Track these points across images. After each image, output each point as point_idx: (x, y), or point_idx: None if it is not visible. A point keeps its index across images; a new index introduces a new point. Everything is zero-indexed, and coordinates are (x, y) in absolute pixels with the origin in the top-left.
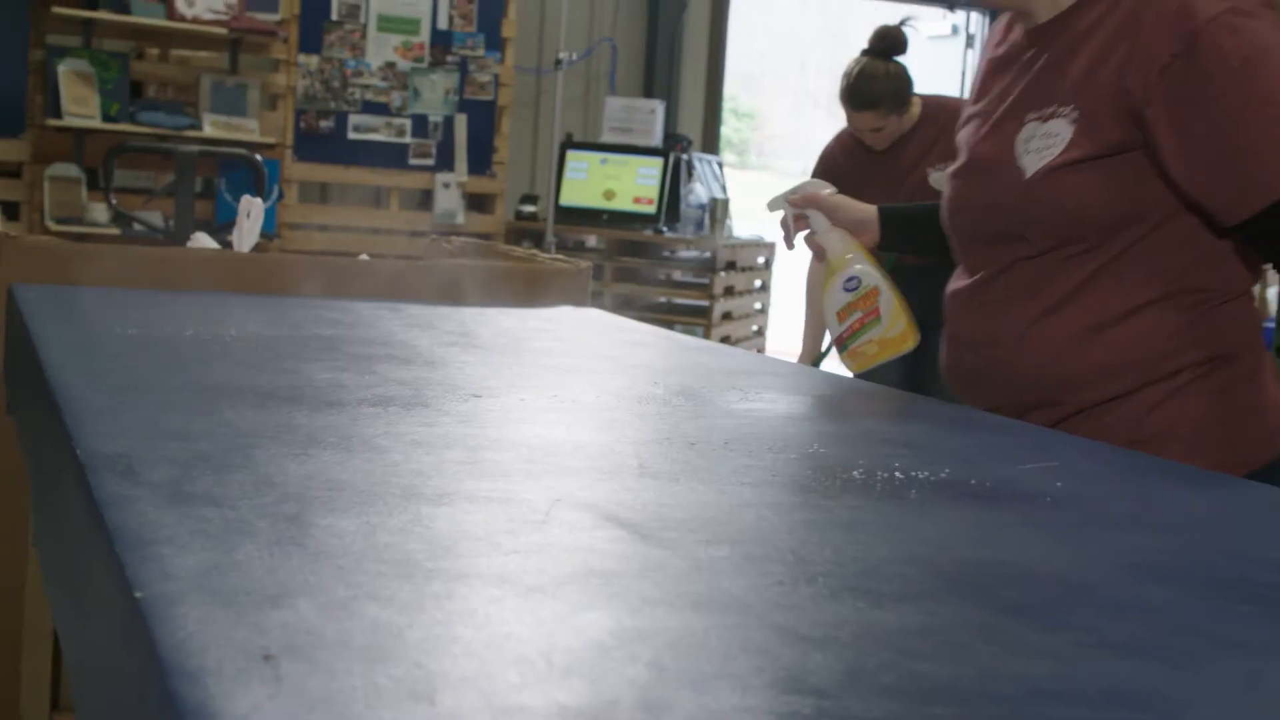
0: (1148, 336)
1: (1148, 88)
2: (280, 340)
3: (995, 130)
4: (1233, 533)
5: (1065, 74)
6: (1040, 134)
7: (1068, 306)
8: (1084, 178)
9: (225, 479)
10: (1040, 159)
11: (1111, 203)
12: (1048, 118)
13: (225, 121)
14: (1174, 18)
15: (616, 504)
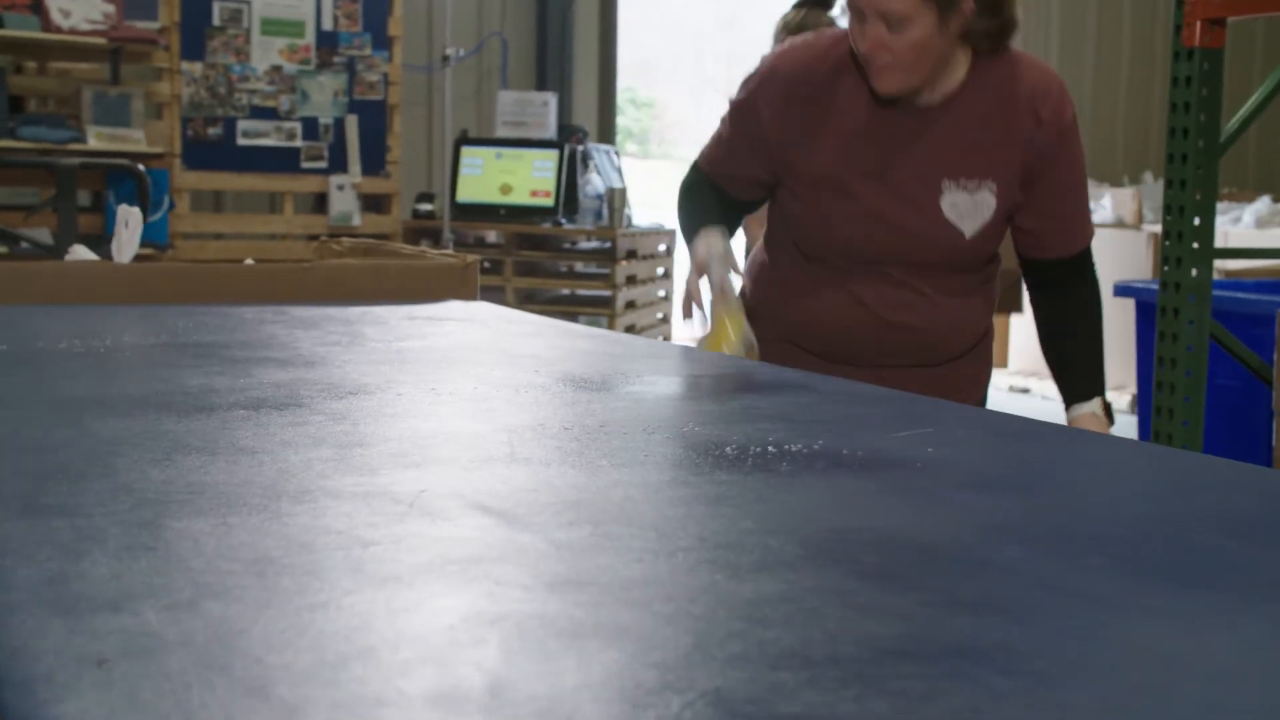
0: (981, 314)
1: (1044, 157)
2: (156, 349)
3: (912, 198)
4: (1090, 491)
5: (977, 151)
6: (967, 203)
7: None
8: (998, 232)
9: (81, 488)
10: (976, 223)
11: (1000, 239)
12: (973, 190)
13: (110, 133)
14: (1055, 115)
15: (484, 492)
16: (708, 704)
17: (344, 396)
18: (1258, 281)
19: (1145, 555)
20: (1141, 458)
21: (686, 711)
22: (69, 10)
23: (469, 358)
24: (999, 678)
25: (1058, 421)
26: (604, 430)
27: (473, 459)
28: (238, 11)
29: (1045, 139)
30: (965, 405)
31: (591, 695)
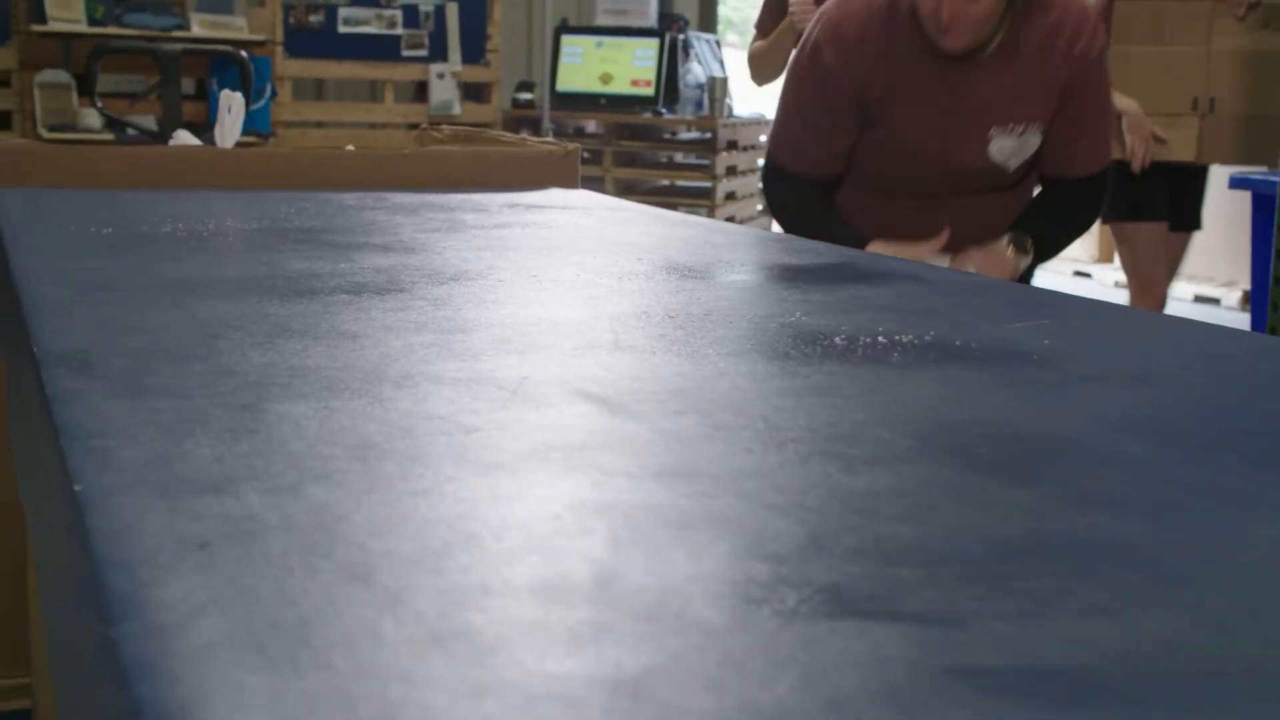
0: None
1: (1074, 83)
2: (257, 233)
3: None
4: (1220, 383)
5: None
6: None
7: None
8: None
9: (183, 370)
10: (1020, 159)
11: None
12: (1021, 133)
13: (213, 20)
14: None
15: (587, 379)
16: (825, 599)
17: (445, 283)
18: None
19: (1275, 450)
20: (1265, 351)
21: (803, 607)
22: None
23: (570, 245)
24: (1132, 576)
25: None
26: (708, 319)
27: (575, 346)
28: None
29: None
30: (1082, 297)
31: (703, 589)
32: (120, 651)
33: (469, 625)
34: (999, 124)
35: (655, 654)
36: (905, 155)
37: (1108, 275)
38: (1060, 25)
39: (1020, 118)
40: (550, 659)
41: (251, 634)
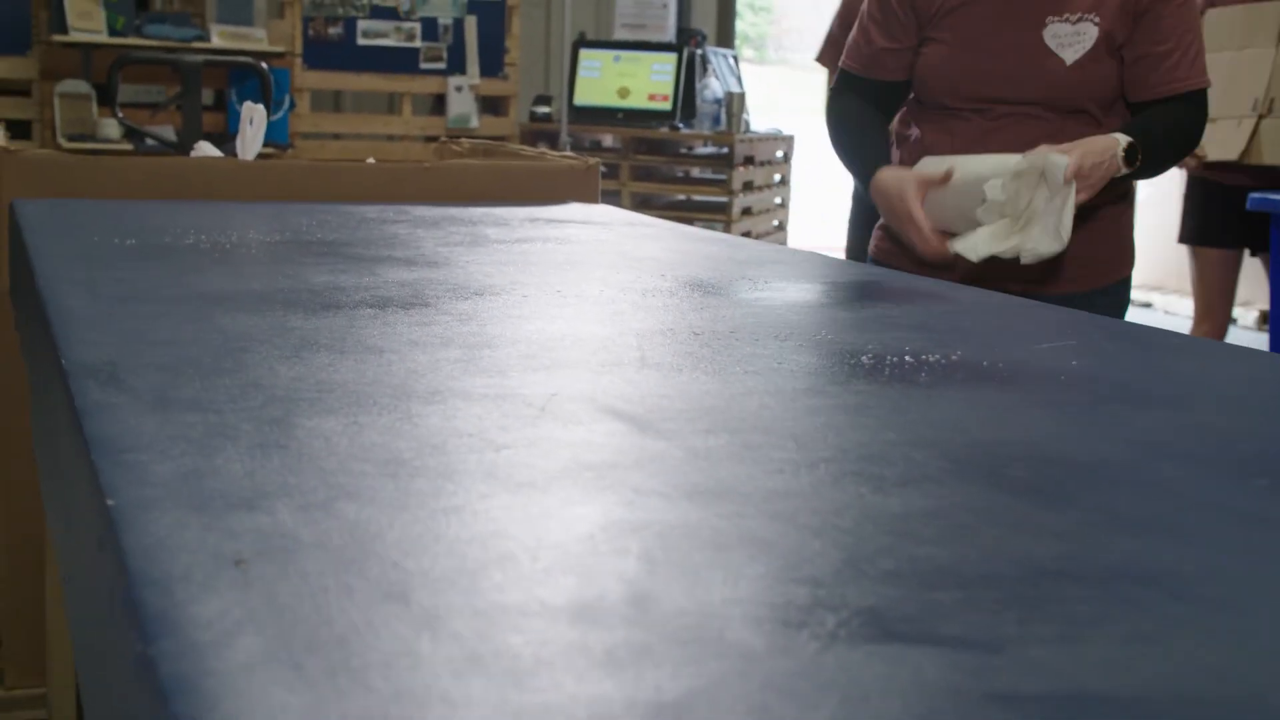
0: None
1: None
2: (280, 246)
3: (1016, 28)
4: (1251, 408)
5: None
6: (1069, 34)
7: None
8: (1105, 67)
9: (212, 384)
10: (1077, 52)
11: (1115, 85)
12: (1075, 21)
13: (233, 31)
14: None
15: (615, 396)
16: (864, 623)
17: (469, 297)
18: None
19: None
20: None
21: (842, 630)
22: None
23: (593, 260)
24: (1171, 602)
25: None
26: (734, 336)
27: (602, 363)
28: None
29: None
30: (1108, 318)
31: (741, 611)
32: (158, 670)
33: (507, 646)
34: (1052, 12)
35: (696, 678)
36: (965, 57)
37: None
38: None
39: (1075, 7)
40: (590, 681)
41: (289, 653)
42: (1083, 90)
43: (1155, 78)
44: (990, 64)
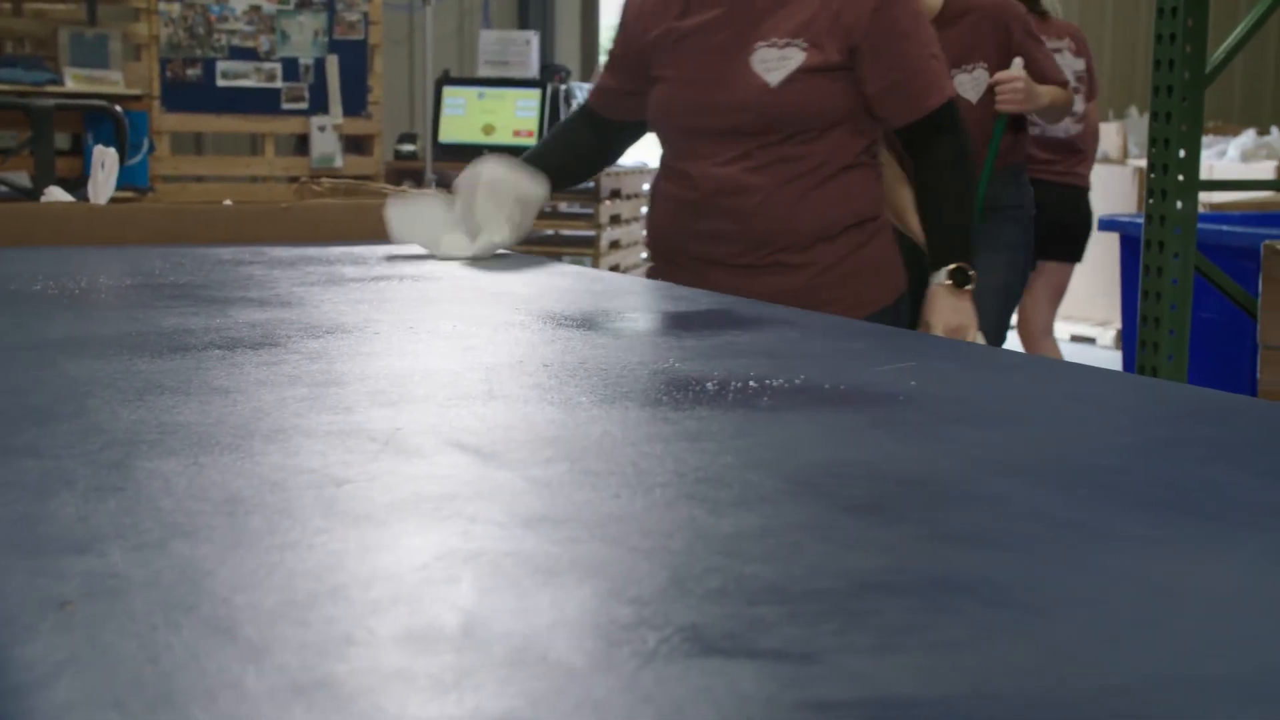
0: (847, 196)
1: (860, 27)
2: (131, 290)
3: (723, 54)
4: (1080, 421)
5: (788, 17)
6: (775, 58)
7: (797, 178)
8: (813, 83)
9: (51, 429)
10: (781, 74)
11: (833, 103)
12: (782, 46)
13: (88, 75)
14: None
15: (461, 429)
16: (684, 639)
17: (321, 336)
18: (1243, 214)
19: (1134, 485)
20: (1129, 389)
21: (663, 647)
22: None
23: (448, 296)
24: (984, 609)
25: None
26: (583, 367)
27: (449, 397)
28: None
29: (857, 8)
30: (951, 340)
31: (566, 632)
32: None
33: (332, 675)
34: (760, 39)
35: (516, 698)
36: (681, 79)
37: None
38: None
39: (782, 32)
40: (412, 705)
41: (111, 691)
42: (796, 116)
43: (902, 105)
44: (698, 93)
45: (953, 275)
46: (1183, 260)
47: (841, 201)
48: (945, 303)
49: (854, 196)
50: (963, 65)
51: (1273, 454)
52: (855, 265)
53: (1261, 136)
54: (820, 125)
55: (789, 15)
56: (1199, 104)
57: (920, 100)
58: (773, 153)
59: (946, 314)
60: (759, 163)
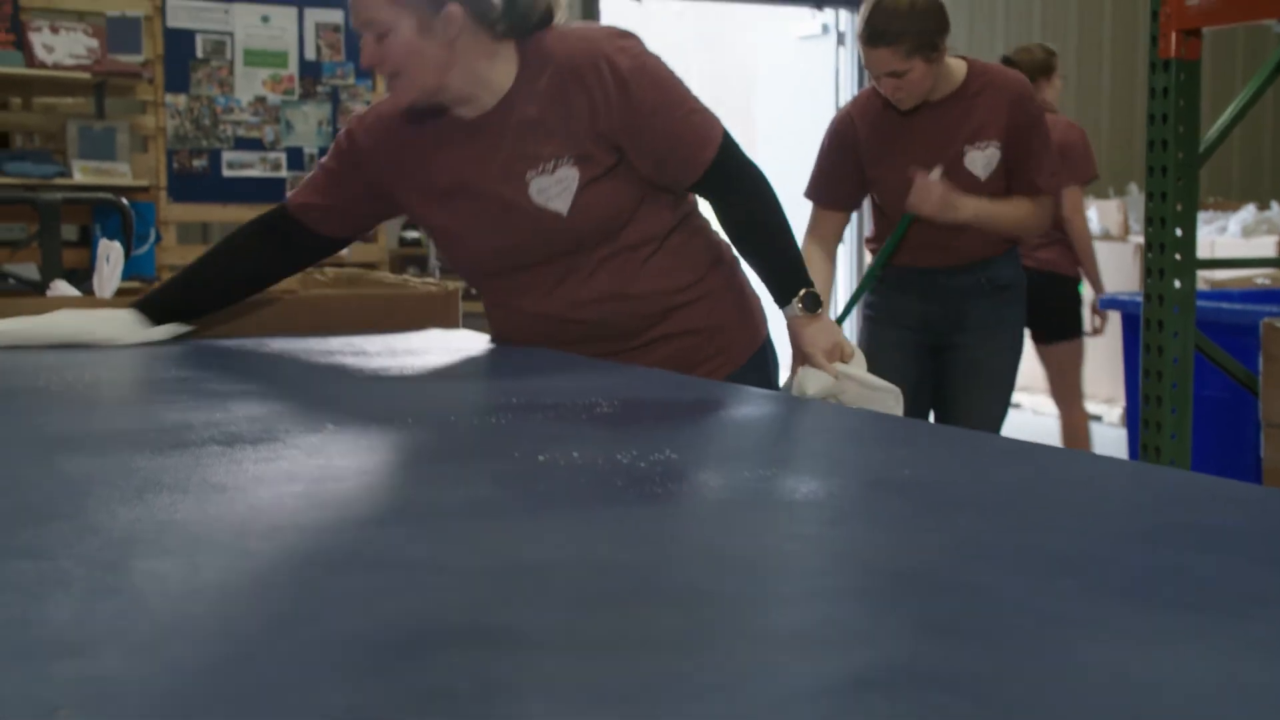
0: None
1: (616, 123)
2: (132, 384)
3: (501, 198)
4: (1069, 508)
5: (544, 135)
6: (553, 183)
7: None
8: (599, 191)
9: (48, 529)
10: (566, 199)
11: (625, 198)
12: (552, 170)
13: (95, 167)
14: (607, 73)
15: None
16: None
17: (320, 429)
18: (1243, 291)
19: (1120, 575)
20: (1116, 475)
21: None
22: (53, 46)
23: (441, 385)
24: (966, 705)
25: (1049, 436)
26: (595, 462)
27: (444, 487)
28: (221, 43)
29: (607, 98)
30: (944, 426)
31: None
32: None
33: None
34: (529, 168)
35: None
36: (464, 228)
37: None
38: (558, 55)
39: (548, 155)
40: None
41: None
42: (590, 226)
43: (680, 170)
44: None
45: (804, 301)
46: (1182, 339)
47: (673, 270)
48: (811, 329)
49: (687, 256)
50: (975, 142)
51: (1257, 541)
52: (720, 316)
53: (1262, 211)
54: (623, 221)
55: (546, 137)
56: (1194, 183)
57: (696, 159)
58: (591, 261)
59: (818, 338)
60: (582, 277)
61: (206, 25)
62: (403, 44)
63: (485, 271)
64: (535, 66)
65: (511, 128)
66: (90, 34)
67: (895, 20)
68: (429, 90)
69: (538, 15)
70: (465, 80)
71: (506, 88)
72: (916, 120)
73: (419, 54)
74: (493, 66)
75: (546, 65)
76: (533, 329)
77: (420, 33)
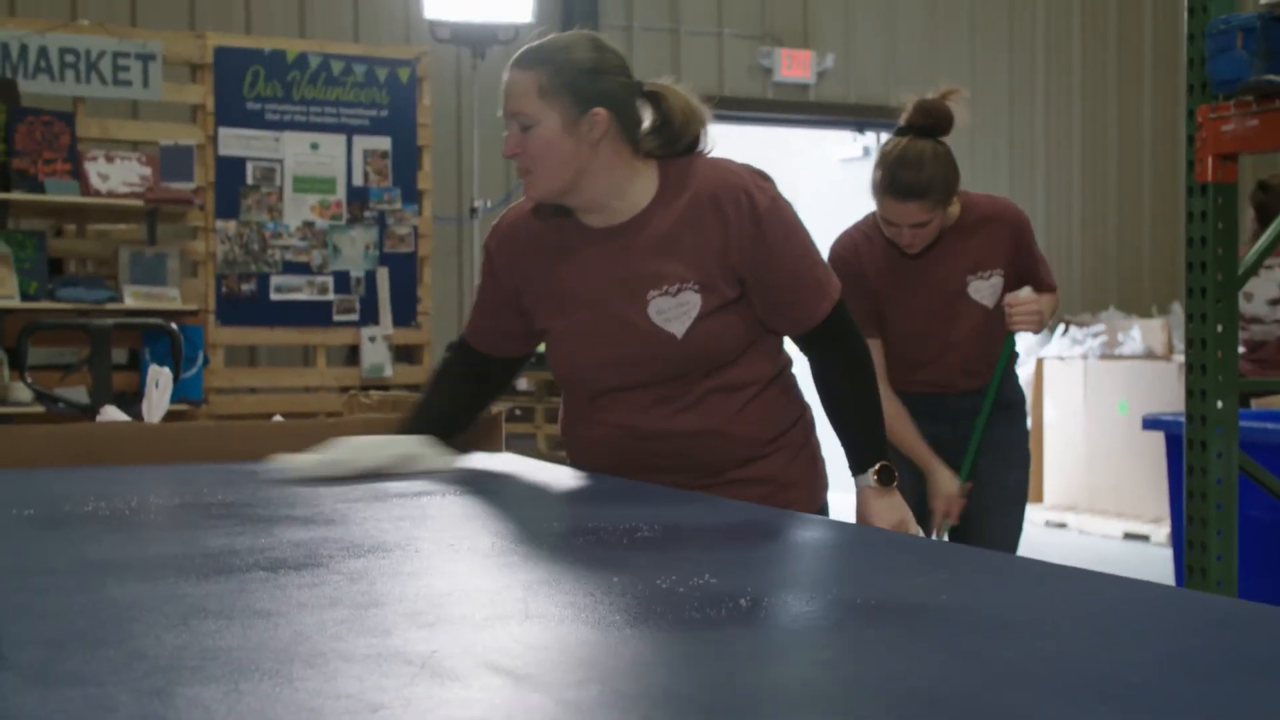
0: (770, 412)
1: (745, 259)
2: (180, 509)
3: (621, 313)
4: (1104, 632)
5: (673, 256)
6: (672, 306)
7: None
8: (716, 322)
9: (96, 655)
10: (684, 323)
11: (739, 334)
12: (675, 293)
13: (146, 292)
14: (745, 208)
15: (495, 650)
16: None
17: (363, 555)
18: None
19: (1159, 701)
20: (1157, 599)
21: None
22: (107, 174)
23: (489, 511)
24: None
25: (1095, 555)
26: (617, 584)
27: (486, 617)
28: (270, 170)
29: (741, 230)
30: (982, 550)
31: None
32: None
33: None
34: (653, 287)
35: None
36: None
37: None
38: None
39: (674, 278)
40: None
41: None
42: (711, 356)
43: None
44: (604, 350)
45: (879, 475)
46: (1226, 460)
47: (766, 419)
48: (880, 503)
49: (780, 408)
50: (979, 272)
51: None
52: (794, 473)
53: None
54: (732, 356)
55: (675, 259)
56: (1233, 304)
57: (811, 311)
58: (693, 392)
59: (885, 513)
60: (681, 405)
61: (257, 153)
62: (545, 138)
63: (588, 384)
64: (675, 188)
65: (640, 244)
66: (144, 162)
67: (924, 173)
68: (560, 189)
69: (685, 142)
70: (601, 187)
71: (642, 204)
72: (920, 259)
73: (558, 151)
74: (631, 180)
75: (686, 188)
76: (616, 448)
77: (564, 130)
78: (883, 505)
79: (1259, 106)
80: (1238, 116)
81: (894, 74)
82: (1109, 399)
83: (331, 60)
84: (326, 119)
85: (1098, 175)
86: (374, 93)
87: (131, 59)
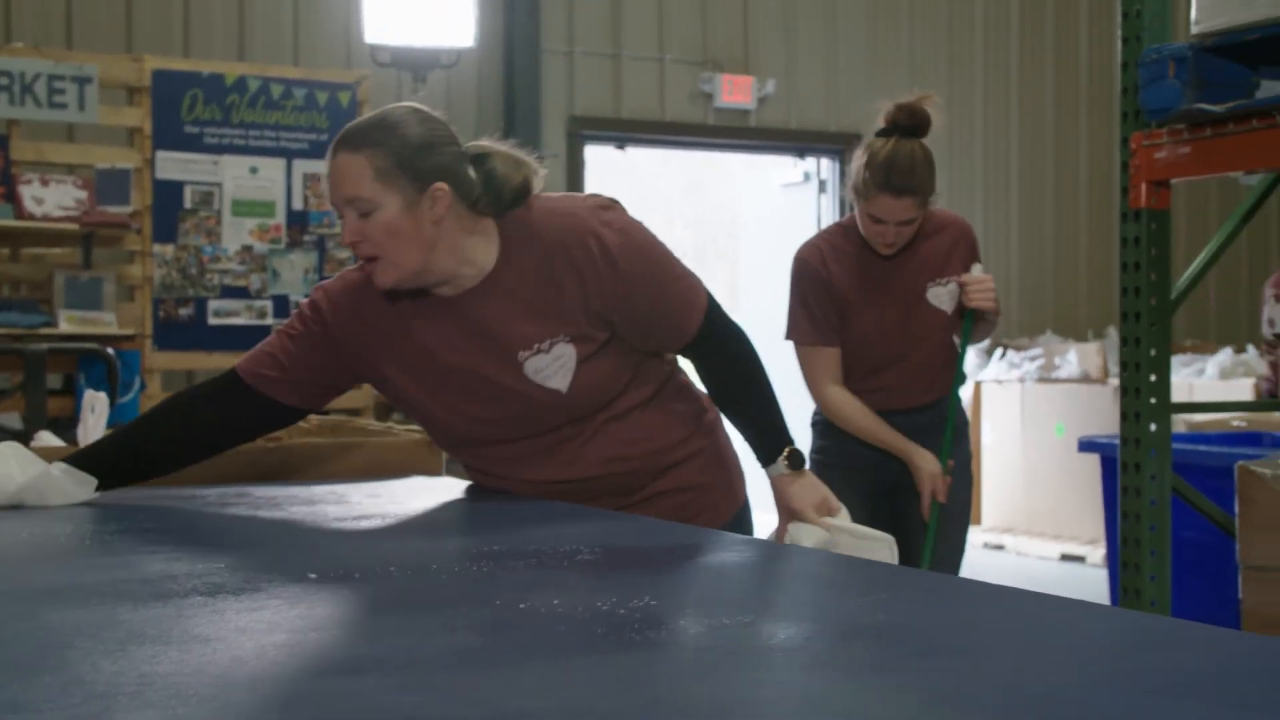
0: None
1: (608, 301)
2: (117, 535)
3: (497, 381)
4: (1039, 650)
5: (534, 314)
6: (549, 361)
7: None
8: (596, 366)
9: (32, 683)
10: (566, 377)
11: (622, 369)
12: (549, 349)
13: (81, 316)
14: (596, 252)
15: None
16: None
17: (300, 580)
18: (1220, 434)
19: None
20: (1094, 619)
21: None
22: (42, 198)
23: (425, 534)
24: None
25: (1032, 576)
26: (579, 609)
27: (426, 643)
28: (209, 194)
29: (597, 276)
30: (920, 571)
31: None
32: None
33: None
34: (522, 348)
35: None
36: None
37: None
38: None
39: (541, 335)
40: None
41: None
42: (601, 397)
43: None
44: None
45: (789, 460)
46: (1159, 482)
47: (668, 425)
48: (797, 486)
49: (676, 413)
50: (937, 279)
51: (1229, 686)
52: (709, 475)
53: (1238, 354)
54: (621, 389)
55: (538, 318)
56: (1167, 328)
57: (685, 328)
58: (589, 427)
59: (804, 494)
60: (579, 442)
61: (195, 176)
62: (388, 223)
63: (471, 441)
64: (519, 244)
65: (495, 307)
66: (80, 186)
67: (916, 170)
68: (412, 271)
69: (511, 191)
70: (449, 259)
71: (489, 266)
72: (890, 262)
73: (404, 233)
74: (475, 244)
75: (532, 243)
76: (532, 494)
77: (407, 211)
78: (800, 487)
79: (1190, 134)
80: (1170, 144)
81: (834, 100)
82: (1046, 422)
83: (271, 83)
84: (266, 142)
85: (1035, 202)
86: (314, 116)
87: (67, 81)
